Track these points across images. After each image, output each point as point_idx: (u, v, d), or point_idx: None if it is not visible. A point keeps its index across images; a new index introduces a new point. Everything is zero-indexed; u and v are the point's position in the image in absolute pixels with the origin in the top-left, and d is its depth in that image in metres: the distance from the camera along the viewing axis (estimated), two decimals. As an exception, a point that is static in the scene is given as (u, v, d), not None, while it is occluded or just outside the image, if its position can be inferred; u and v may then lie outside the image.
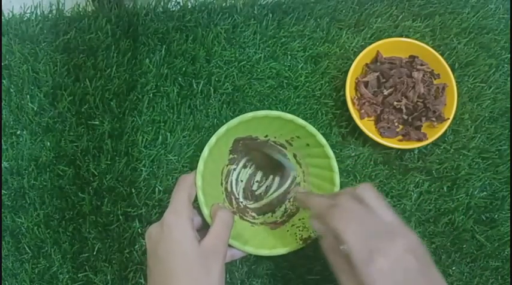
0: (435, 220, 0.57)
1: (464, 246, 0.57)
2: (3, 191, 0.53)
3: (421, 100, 0.58)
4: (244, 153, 0.55)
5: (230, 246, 0.46)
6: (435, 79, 0.59)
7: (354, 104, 0.57)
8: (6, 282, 0.52)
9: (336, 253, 0.38)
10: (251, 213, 0.54)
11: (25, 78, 0.55)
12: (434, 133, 0.56)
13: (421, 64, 0.59)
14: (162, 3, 0.60)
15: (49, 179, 0.54)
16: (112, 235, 0.53)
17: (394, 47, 0.59)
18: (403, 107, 0.58)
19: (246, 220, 0.53)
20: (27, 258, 0.52)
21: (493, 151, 0.60)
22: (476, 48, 0.63)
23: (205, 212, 0.46)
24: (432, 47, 0.59)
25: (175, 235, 0.41)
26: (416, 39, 0.60)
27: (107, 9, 0.59)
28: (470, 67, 0.62)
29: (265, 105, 0.58)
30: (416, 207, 0.57)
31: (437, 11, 0.64)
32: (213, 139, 0.48)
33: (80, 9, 0.59)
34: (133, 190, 0.54)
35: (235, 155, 0.55)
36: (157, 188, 0.54)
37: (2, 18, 0.58)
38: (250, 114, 0.49)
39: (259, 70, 0.59)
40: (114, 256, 0.53)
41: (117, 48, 0.57)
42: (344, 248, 0.36)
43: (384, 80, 0.58)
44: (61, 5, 0.59)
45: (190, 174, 0.46)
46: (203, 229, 0.46)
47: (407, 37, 0.62)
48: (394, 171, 0.58)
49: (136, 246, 0.53)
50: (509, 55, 0.64)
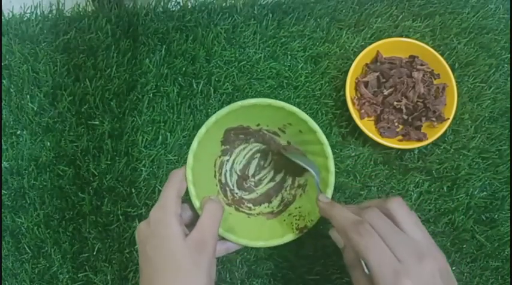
0: (435, 220, 0.57)
1: (464, 246, 0.57)
2: (3, 191, 0.53)
3: (421, 100, 0.58)
4: (237, 143, 0.54)
5: (224, 239, 0.45)
6: (435, 79, 0.59)
7: (354, 104, 0.57)
8: (6, 282, 0.52)
9: (358, 269, 0.37)
10: (247, 204, 0.53)
11: (25, 78, 0.55)
12: (434, 133, 0.56)
13: (421, 64, 0.59)
14: (162, 3, 0.60)
15: (49, 179, 0.54)
16: (112, 234, 0.53)
17: (394, 46, 0.59)
18: (403, 107, 0.58)
19: (242, 212, 0.52)
20: (27, 258, 0.52)
21: (493, 151, 0.60)
22: (476, 48, 0.63)
23: (197, 205, 0.45)
24: (432, 47, 0.59)
25: (160, 230, 0.40)
26: (416, 39, 0.60)
27: (107, 9, 0.59)
28: (470, 67, 0.62)
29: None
30: (416, 207, 0.57)
31: (437, 11, 0.64)
32: (203, 130, 0.46)
33: (80, 9, 0.59)
34: (133, 190, 0.54)
35: (227, 146, 0.53)
36: (157, 188, 0.54)
37: (2, 18, 0.58)
38: (239, 103, 0.47)
39: (259, 70, 0.59)
40: (114, 256, 0.53)
41: (117, 48, 0.57)
42: (367, 272, 0.35)
43: (384, 80, 0.58)
44: (61, 5, 0.59)
45: (181, 169, 0.45)
46: (195, 223, 0.45)
47: (407, 37, 0.62)
48: (394, 171, 0.58)
49: (136, 247, 0.52)
50: (509, 55, 0.64)
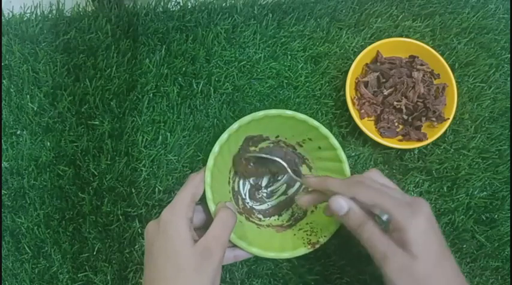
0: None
1: (464, 246, 0.57)
2: (3, 191, 0.53)
3: (421, 100, 0.58)
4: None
5: (235, 246, 0.45)
6: (435, 79, 0.59)
7: (354, 104, 0.57)
8: (6, 282, 0.52)
9: (368, 223, 0.41)
10: (257, 215, 0.54)
11: (25, 78, 0.55)
12: (434, 133, 0.56)
13: (421, 64, 0.59)
14: (162, 3, 0.60)
15: (49, 179, 0.54)
16: (112, 234, 0.53)
17: (394, 46, 0.59)
18: (403, 107, 0.58)
19: (252, 222, 0.52)
20: (27, 258, 0.52)
21: (493, 151, 0.60)
22: (476, 48, 0.63)
23: (212, 209, 0.45)
24: (432, 47, 0.59)
25: (169, 232, 0.40)
26: (416, 39, 0.60)
27: (107, 9, 0.59)
28: (470, 67, 0.62)
29: (265, 105, 0.58)
30: (416, 207, 0.57)
31: (437, 11, 0.64)
32: (225, 135, 0.47)
33: (80, 9, 0.59)
34: (133, 190, 0.54)
35: None
36: (157, 188, 0.54)
37: (2, 18, 0.58)
38: (262, 112, 0.48)
39: (259, 70, 0.59)
40: (114, 256, 0.53)
41: (117, 48, 0.57)
42: (384, 219, 0.40)
43: (384, 80, 0.58)
44: (61, 5, 0.59)
45: (199, 172, 0.46)
46: (208, 227, 0.44)
47: (407, 37, 0.62)
48: (394, 171, 0.58)
49: (137, 246, 0.53)
50: (509, 55, 0.64)
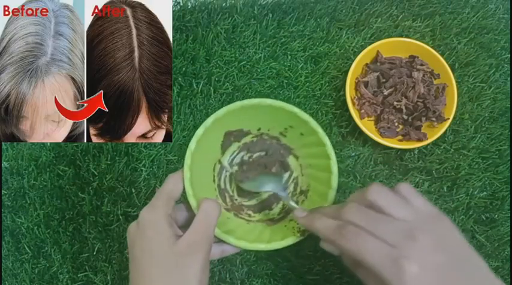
0: (435, 220, 0.57)
1: (464, 246, 0.57)
2: (3, 191, 0.53)
3: (421, 100, 0.58)
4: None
5: (222, 241, 0.44)
6: (435, 79, 0.59)
7: (354, 104, 0.57)
8: (6, 282, 0.52)
9: (363, 268, 0.36)
10: (247, 211, 0.52)
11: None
12: (434, 133, 0.56)
13: (421, 64, 0.59)
14: (162, 3, 0.60)
15: (49, 179, 0.54)
16: (112, 234, 0.53)
17: (394, 46, 0.59)
18: (403, 107, 0.58)
19: (241, 218, 0.50)
20: (27, 258, 0.52)
21: (493, 151, 0.60)
22: (476, 48, 0.63)
23: (193, 204, 0.43)
24: (432, 47, 0.59)
25: (148, 232, 0.38)
26: (416, 39, 0.60)
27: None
28: (470, 67, 0.62)
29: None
30: (416, 207, 0.57)
31: (437, 11, 0.64)
32: (200, 130, 0.45)
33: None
34: (133, 190, 0.54)
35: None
36: (157, 188, 0.54)
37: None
38: (238, 103, 0.46)
39: (259, 70, 0.59)
40: (114, 256, 0.53)
41: (117, 48, 0.57)
42: (369, 269, 0.34)
43: (384, 80, 0.58)
44: (61, 5, 0.59)
45: (178, 171, 0.44)
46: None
47: (407, 37, 0.62)
48: (394, 171, 0.58)
49: (136, 246, 0.53)
50: (509, 55, 0.64)
